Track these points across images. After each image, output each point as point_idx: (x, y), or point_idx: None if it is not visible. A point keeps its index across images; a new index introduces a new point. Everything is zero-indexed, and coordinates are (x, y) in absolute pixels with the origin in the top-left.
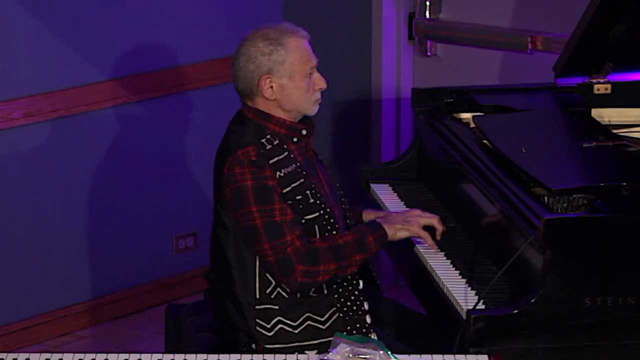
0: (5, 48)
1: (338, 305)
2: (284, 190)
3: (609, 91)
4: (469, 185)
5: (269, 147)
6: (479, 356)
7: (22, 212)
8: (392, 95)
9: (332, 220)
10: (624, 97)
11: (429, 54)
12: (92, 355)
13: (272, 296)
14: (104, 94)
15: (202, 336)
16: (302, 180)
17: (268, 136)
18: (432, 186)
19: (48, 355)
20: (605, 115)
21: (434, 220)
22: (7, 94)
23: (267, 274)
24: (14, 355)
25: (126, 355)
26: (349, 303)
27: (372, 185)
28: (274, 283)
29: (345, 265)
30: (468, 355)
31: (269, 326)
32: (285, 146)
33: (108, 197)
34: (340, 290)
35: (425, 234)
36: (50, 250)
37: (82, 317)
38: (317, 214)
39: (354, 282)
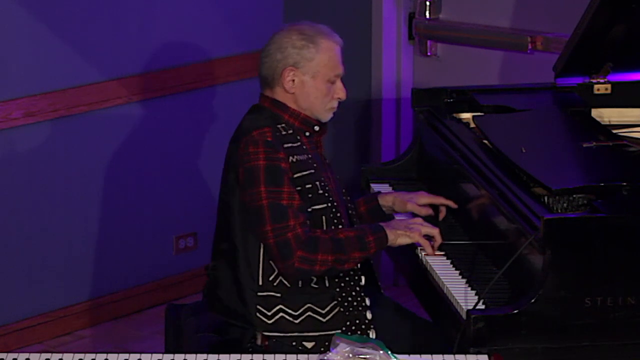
0: (5, 48)
1: (339, 299)
2: (295, 175)
3: (609, 91)
4: (469, 185)
5: (284, 132)
6: (479, 356)
7: (22, 212)
8: (392, 95)
9: (338, 214)
10: (624, 97)
11: (429, 54)
12: (92, 355)
13: (275, 284)
14: (104, 94)
15: (202, 336)
16: (312, 170)
17: (283, 124)
18: (432, 186)
19: (48, 355)
20: (605, 115)
21: (435, 232)
22: (7, 94)
23: (271, 262)
24: (14, 355)
25: (126, 355)
26: (349, 298)
27: (372, 185)
28: (277, 270)
29: (343, 260)
30: (468, 355)
31: (269, 313)
32: (298, 137)
33: (108, 197)
34: (342, 284)
35: (425, 242)
36: (50, 250)
37: (82, 317)
38: (325, 205)
39: (356, 277)
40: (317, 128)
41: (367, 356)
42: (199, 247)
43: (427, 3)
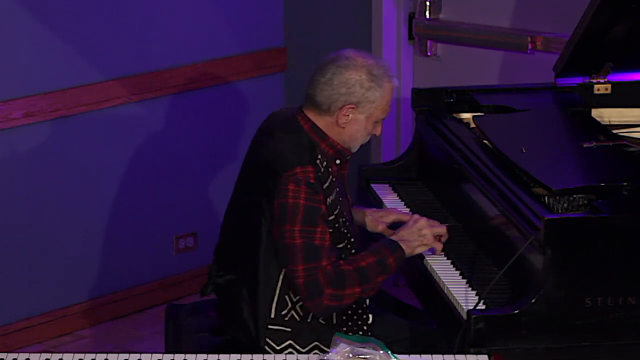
0: (5, 48)
1: None
2: (330, 218)
3: (609, 91)
4: (469, 185)
5: (322, 170)
6: (479, 356)
7: (22, 212)
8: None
9: (353, 251)
10: (624, 97)
11: (429, 54)
12: (92, 355)
13: (286, 318)
14: (104, 94)
15: (202, 336)
16: (339, 207)
17: (319, 156)
18: (432, 186)
19: (48, 355)
20: (605, 115)
21: (442, 230)
22: (7, 94)
23: (286, 296)
24: (14, 355)
25: (126, 355)
26: None
27: (372, 185)
28: (290, 305)
29: (368, 288)
30: (468, 355)
31: (278, 348)
32: (330, 169)
33: (108, 197)
34: (350, 323)
35: (438, 244)
36: (50, 250)
37: (82, 317)
38: (344, 243)
39: (364, 316)
40: (348, 157)
41: (367, 356)
42: (199, 247)
43: (427, 3)
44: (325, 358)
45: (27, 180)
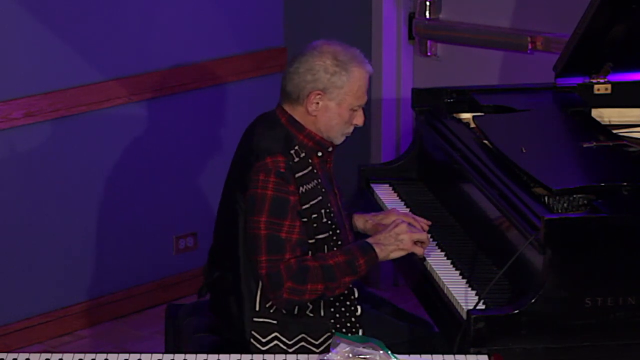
0: (5, 48)
1: (333, 330)
2: (304, 207)
3: (609, 91)
4: (469, 185)
5: (296, 159)
6: (479, 356)
7: (22, 212)
8: (392, 95)
9: (339, 242)
10: (624, 97)
11: (429, 54)
12: (92, 355)
13: (271, 310)
14: (104, 94)
15: (202, 336)
16: (320, 197)
17: (296, 147)
18: (432, 186)
19: (48, 355)
20: (605, 115)
21: (423, 237)
22: (7, 94)
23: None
24: (14, 355)
25: (126, 355)
26: (344, 330)
27: (372, 185)
28: None
29: (333, 287)
30: (468, 355)
31: (263, 340)
32: (310, 160)
33: (108, 197)
34: (338, 315)
35: (418, 249)
36: (50, 250)
37: (82, 317)
38: (327, 234)
39: (352, 308)
40: (330, 149)
41: (367, 356)
42: (199, 247)
43: (427, 3)
44: (325, 358)
45: (27, 180)
